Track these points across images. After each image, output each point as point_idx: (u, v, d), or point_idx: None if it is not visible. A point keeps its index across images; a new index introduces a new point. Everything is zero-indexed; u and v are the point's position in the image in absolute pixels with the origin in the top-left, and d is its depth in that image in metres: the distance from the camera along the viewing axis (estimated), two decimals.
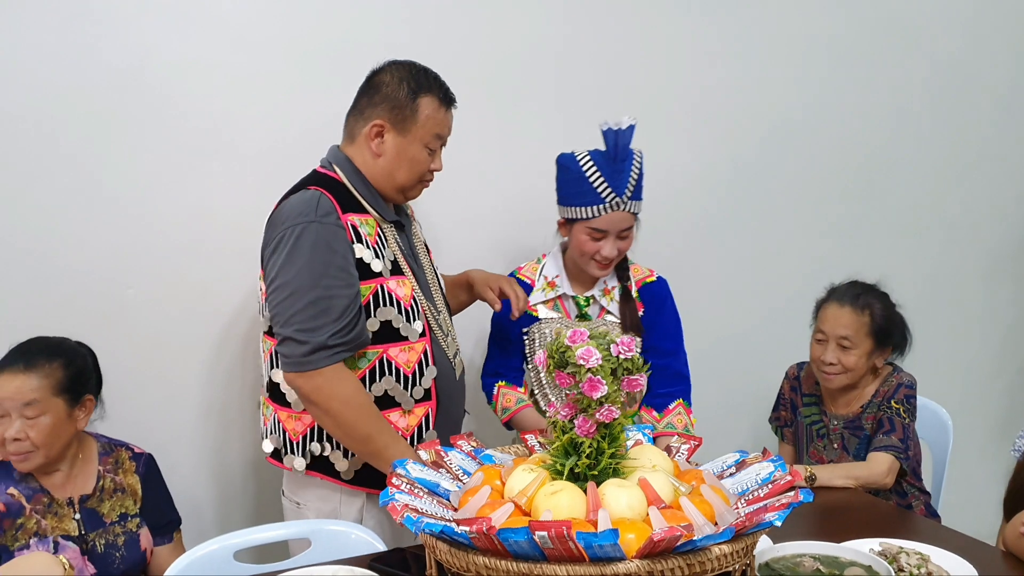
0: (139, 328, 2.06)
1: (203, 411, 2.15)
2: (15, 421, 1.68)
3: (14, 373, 1.70)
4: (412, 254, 1.87)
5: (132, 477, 1.85)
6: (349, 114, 1.82)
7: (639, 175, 1.99)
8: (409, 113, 1.75)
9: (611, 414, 1.25)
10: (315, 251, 1.65)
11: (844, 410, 2.23)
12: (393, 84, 1.75)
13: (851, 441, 2.19)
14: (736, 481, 1.40)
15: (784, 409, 2.38)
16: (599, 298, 2.09)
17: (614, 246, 2.01)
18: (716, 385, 2.72)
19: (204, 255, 2.10)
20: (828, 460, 2.23)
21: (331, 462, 1.76)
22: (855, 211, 2.97)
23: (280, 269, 1.66)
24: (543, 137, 2.40)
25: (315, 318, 1.64)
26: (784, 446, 2.39)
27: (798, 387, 2.34)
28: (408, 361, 1.76)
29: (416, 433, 1.79)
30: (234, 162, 2.10)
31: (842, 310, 2.17)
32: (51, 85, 1.93)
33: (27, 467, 1.71)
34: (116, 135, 2.00)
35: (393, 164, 1.77)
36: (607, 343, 1.27)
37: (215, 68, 2.07)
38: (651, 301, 2.04)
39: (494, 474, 1.35)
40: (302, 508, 1.83)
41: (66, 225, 1.98)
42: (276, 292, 1.68)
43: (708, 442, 1.81)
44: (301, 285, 1.65)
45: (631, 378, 1.28)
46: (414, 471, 1.37)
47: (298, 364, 1.66)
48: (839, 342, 2.14)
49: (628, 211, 1.99)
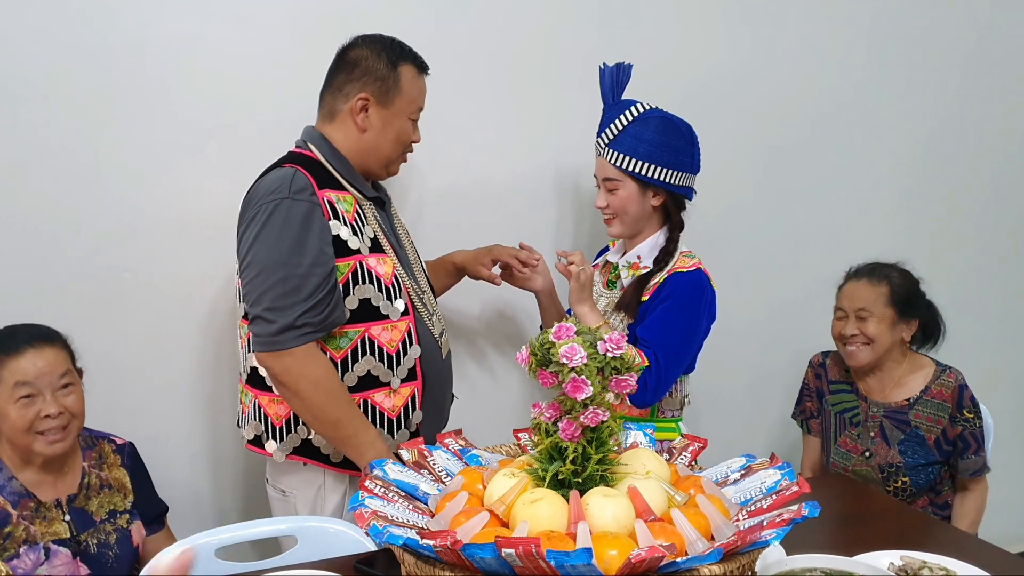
0: (133, 314, 2.00)
1: (198, 398, 2.10)
2: (48, 398, 1.63)
3: (40, 348, 1.66)
4: (393, 233, 1.83)
5: (119, 471, 1.80)
6: (325, 93, 1.78)
7: (626, 125, 1.88)
8: (392, 84, 1.73)
9: (597, 417, 1.15)
10: (286, 228, 1.60)
11: (882, 396, 2.14)
12: (372, 57, 1.73)
13: (894, 434, 2.10)
14: (739, 489, 1.29)
15: (809, 400, 2.28)
16: (622, 269, 1.97)
17: (604, 196, 1.93)
18: (735, 377, 2.59)
19: (202, 239, 2.03)
20: (863, 449, 2.12)
21: (316, 446, 1.71)
22: (894, 199, 2.78)
23: (251, 247, 1.62)
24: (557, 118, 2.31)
25: (285, 297, 1.60)
26: (811, 439, 2.29)
27: (823, 374, 2.25)
28: (391, 340, 1.71)
29: (403, 413, 1.74)
30: (233, 143, 2.02)
31: (858, 283, 2.13)
32: (42, 62, 1.87)
33: (62, 447, 1.66)
34: (111, 115, 1.93)
35: (380, 137, 1.75)
36: (593, 340, 1.16)
37: (216, 46, 1.99)
38: (663, 289, 1.90)
39: (475, 478, 1.27)
40: (287, 496, 1.78)
41: (59, 208, 1.92)
42: (247, 271, 1.64)
43: (726, 442, 1.71)
44: (271, 263, 1.60)
45: (619, 378, 1.18)
46: (392, 472, 1.29)
47: (267, 344, 1.62)
48: (857, 314, 2.10)
49: (606, 157, 1.90)
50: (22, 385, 1.64)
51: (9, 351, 1.66)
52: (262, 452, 1.75)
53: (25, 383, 1.64)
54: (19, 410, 1.63)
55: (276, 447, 1.72)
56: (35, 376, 1.64)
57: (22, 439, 1.65)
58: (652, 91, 2.00)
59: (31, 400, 1.64)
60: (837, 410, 2.20)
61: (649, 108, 1.90)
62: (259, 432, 1.74)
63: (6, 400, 1.63)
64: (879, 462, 2.08)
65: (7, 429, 1.65)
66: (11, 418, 1.63)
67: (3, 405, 1.63)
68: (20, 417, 1.63)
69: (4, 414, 1.64)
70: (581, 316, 1.87)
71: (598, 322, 1.84)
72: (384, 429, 1.72)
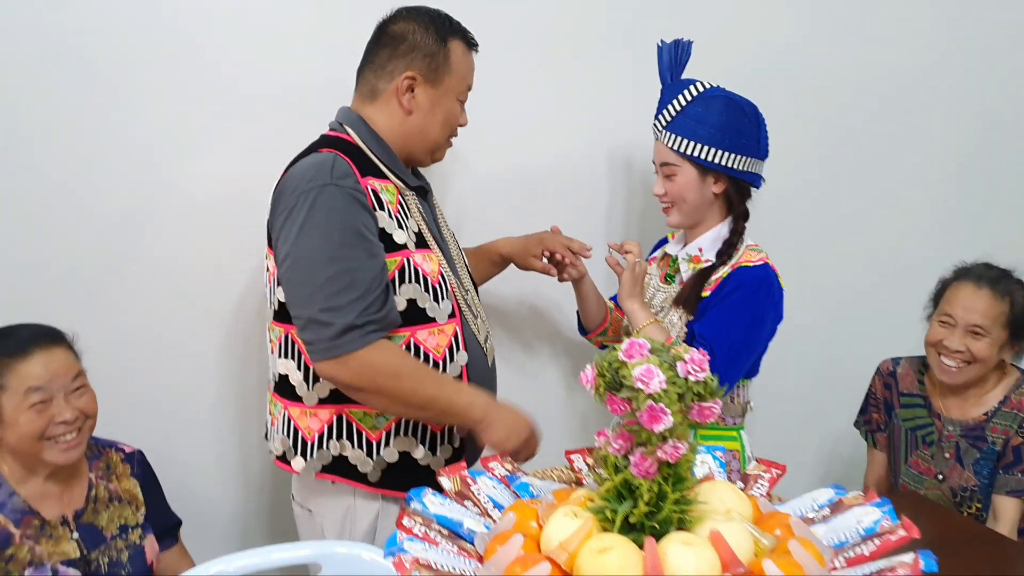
0: (140, 310, 1.85)
1: (209, 407, 1.95)
2: (62, 402, 1.51)
3: (48, 349, 1.53)
4: (436, 225, 1.67)
5: (128, 481, 1.66)
6: (364, 70, 1.62)
7: (685, 105, 1.73)
8: (442, 61, 1.58)
9: (677, 452, 0.99)
10: (332, 216, 1.43)
11: (961, 414, 1.91)
12: (419, 31, 1.57)
13: (969, 453, 1.88)
14: (831, 529, 1.12)
15: (876, 411, 2.07)
16: (681, 262, 1.82)
17: (661, 183, 1.79)
18: (788, 381, 2.41)
19: (217, 230, 1.88)
20: (936, 471, 1.92)
21: (352, 463, 1.55)
22: (971, 192, 2.56)
23: (294, 241, 1.45)
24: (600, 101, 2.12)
25: (340, 294, 1.42)
26: (875, 453, 2.10)
27: (893, 385, 2.03)
28: (438, 345, 1.55)
29: (446, 427, 1.59)
30: (251, 123, 1.86)
31: (979, 293, 1.85)
32: (39, 29, 1.70)
33: (77, 454, 1.54)
34: (114, 92, 1.78)
35: (427, 120, 1.59)
36: (672, 361, 0.99)
37: (231, 18, 1.82)
38: (726, 284, 1.73)
39: (529, 513, 1.10)
40: (314, 516, 1.63)
41: (58, 195, 1.77)
42: (291, 268, 1.46)
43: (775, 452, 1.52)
44: (320, 257, 1.43)
45: (703, 406, 1.01)
46: (432, 505, 1.14)
47: (328, 350, 1.44)
48: (971, 328, 1.84)
49: (663, 141, 1.76)
50: (35, 391, 1.50)
51: (14, 353, 1.51)
52: (289, 469, 1.59)
53: (38, 388, 1.50)
54: (31, 417, 1.50)
55: (304, 464, 1.56)
56: (48, 380, 1.51)
57: (32, 447, 1.51)
58: (705, 69, 1.82)
59: (45, 406, 1.51)
60: (909, 426, 1.99)
61: (710, 87, 1.74)
62: (286, 447, 1.58)
63: (16, 407, 1.49)
64: (952, 485, 1.89)
65: (13, 438, 1.51)
66: (21, 425, 1.49)
67: (12, 413, 1.49)
68: (32, 424, 1.50)
69: (12, 422, 1.50)
70: (631, 313, 1.74)
71: (648, 320, 1.72)
72: (425, 446, 1.56)
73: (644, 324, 1.71)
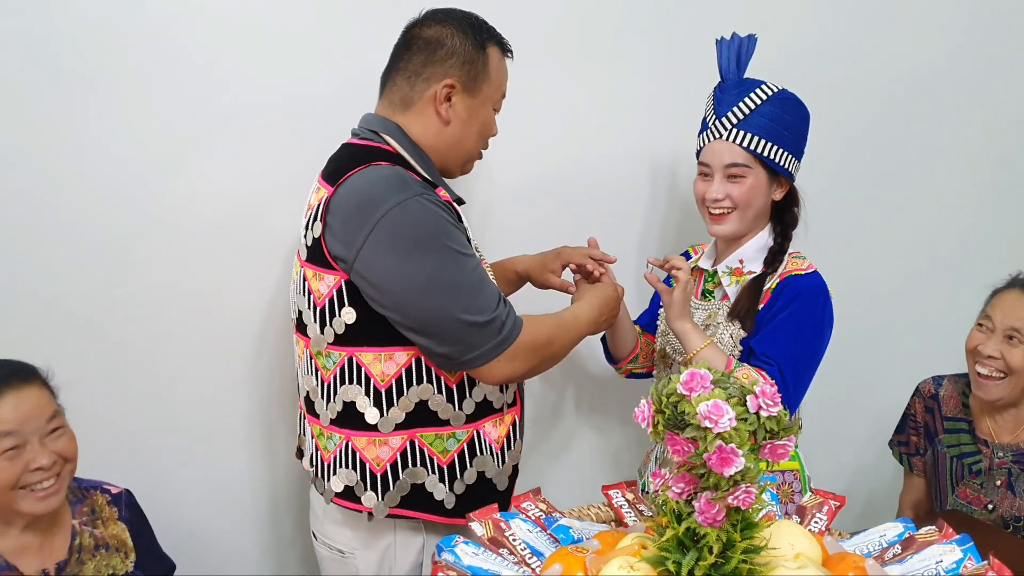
0: (127, 338, 1.71)
1: (201, 440, 1.80)
2: (37, 446, 1.37)
3: (19, 388, 1.38)
4: None
5: (116, 526, 1.52)
6: (394, 76, 1.49)
7: (759, 104, 1.61)
8: (481, 68, 1.47)
9: (750, 497, 0.88)
10: (439, 226, 1.36)
11: (1013, 438, 1.78)
12: (457, 36, 1.46)
13: (1021, 479, 1.76)
14: (907, 570, 1.02)
15: (915, 434, 1.93)
16: (722, 276, 1.69)
17: (721, 187, 1.62)
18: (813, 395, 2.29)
19: (216, 246, 1.73)
20: (986, 500, 1.78)
21: (428, 491, 1.44)
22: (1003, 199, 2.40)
23: (401, 263, 1.35)
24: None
25: (477, 296, 1.37)
26: (913, 479, 1.95)
27: (935, 408, 1.89)
28: None
29: (505, 443, 1.50)
30: (254, 131, 1.72)
31: (1022, 299, 1.74)
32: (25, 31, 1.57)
33: (56, 501, 1.40)
34: (108, 94, 1.63)
35: (464, 130, 1.49)
36: (742, 395, 0.88)
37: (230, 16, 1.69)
38: (780, 295, 1.61)
39: (575, 564, 0.99)
40: (346, 558, 1.50)
41: (46, 210, 1.62)
42: (407, 293, 1.36)
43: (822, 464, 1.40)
44: (442, 272, 1.35)
45: (775, 444, 0.90)
46: (466, 556, 1.02)
47: (496, 347, 1.37)
48: (1007, 333, 1.72)
49: (731, 140, 1.61)
50: (5, 436, 1.36)
51: None
52: (357, 507, 1.45)
53: (9, 433, 1.36)
54: (3, 464, 1.35)
55: (378, 501, 1.42)
56: (20, 423, 1.36)
57: (5, 498, 1.37)
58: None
59: (17, 452, 1.36)
60: (953, 454, 1.84)
61: (781, 88, 1.63)
62: (353, 482, 1.44)
63: None
64: (1003, 514, 1.75)
65: None
66: None
67: None
68: (4, 473, 1.35)
69: None
70: (683, 334, 1.59)
71: (703, 341, 1.57)
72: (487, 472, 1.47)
73: (700, 347, 1.57)
